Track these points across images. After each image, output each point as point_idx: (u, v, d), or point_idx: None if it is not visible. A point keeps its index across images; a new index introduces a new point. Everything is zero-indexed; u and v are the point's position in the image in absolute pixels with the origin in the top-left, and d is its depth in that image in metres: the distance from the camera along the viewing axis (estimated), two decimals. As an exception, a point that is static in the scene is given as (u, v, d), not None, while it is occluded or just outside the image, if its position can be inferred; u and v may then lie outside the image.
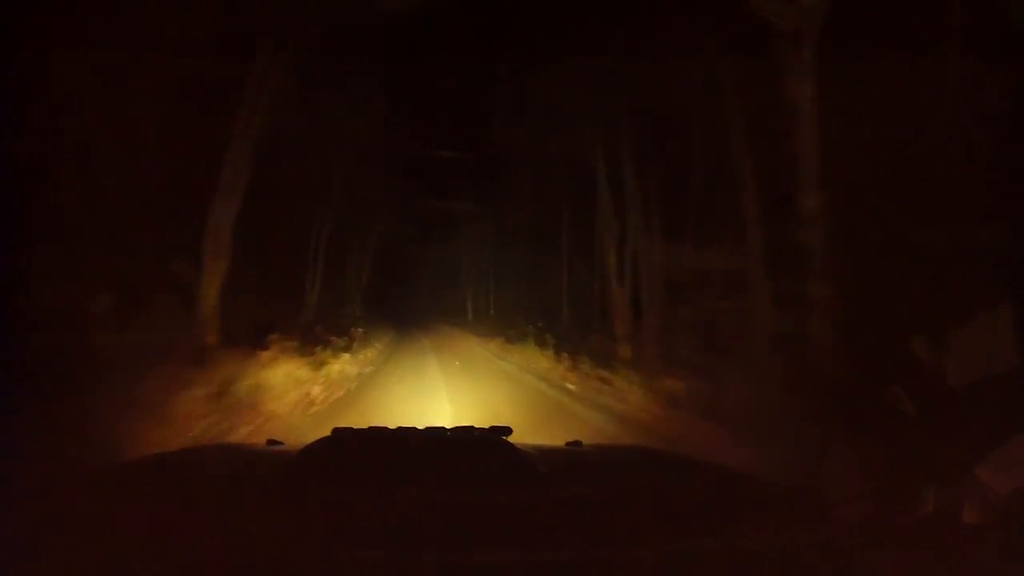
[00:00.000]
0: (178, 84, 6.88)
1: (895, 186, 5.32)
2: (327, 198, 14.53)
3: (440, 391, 8.38)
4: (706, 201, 9.15)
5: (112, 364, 5.23)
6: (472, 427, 1.92)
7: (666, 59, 7.52)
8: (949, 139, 4.93)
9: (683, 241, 9.56)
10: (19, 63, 4.83)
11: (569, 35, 9.52)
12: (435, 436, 1.83)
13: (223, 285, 7.76)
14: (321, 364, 9.60)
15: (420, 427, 1.88)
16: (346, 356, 11.43)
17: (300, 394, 7.62)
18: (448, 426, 1.90)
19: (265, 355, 8.10)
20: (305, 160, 11.76)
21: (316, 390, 8.07)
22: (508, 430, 1.80)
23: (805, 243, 5.95)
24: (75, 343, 5.19)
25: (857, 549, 1.20)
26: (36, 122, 5.25)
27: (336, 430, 1.81)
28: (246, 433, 5.53)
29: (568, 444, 2.07)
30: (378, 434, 1.83)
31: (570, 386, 9.26)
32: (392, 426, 1.86)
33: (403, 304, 31.99)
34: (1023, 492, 1.29)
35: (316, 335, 11.10)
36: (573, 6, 9.19)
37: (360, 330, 15.25)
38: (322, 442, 1.70)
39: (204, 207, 7.71)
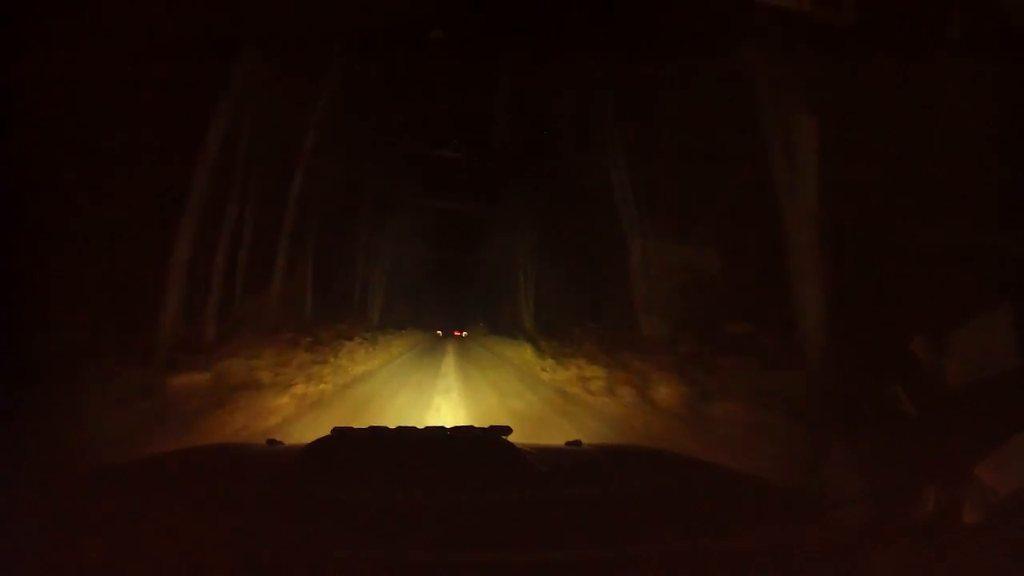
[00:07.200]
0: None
1: (894, 185, 5.31)
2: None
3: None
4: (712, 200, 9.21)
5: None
6: (472, 427, 1.92)
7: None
8: (949, 139, 4.92)
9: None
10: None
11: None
12: (435, 436, 1.83)
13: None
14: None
15: (420, 427, 1.88)
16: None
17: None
18: (448, 425, 1.89)
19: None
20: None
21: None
22: (508, 430, 1.80)
23: (800, 243, 5.96)
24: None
25: (857, 549, 1.20)
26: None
27: (336, 430, 1.81)
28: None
29: (568, 444, 2.07)
30: (378, 434, 1.83)
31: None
32: (392, 425, 1.86)
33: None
34: (1023, 492, 1.29)
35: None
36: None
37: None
38: (322, 442, 1.70)
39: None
